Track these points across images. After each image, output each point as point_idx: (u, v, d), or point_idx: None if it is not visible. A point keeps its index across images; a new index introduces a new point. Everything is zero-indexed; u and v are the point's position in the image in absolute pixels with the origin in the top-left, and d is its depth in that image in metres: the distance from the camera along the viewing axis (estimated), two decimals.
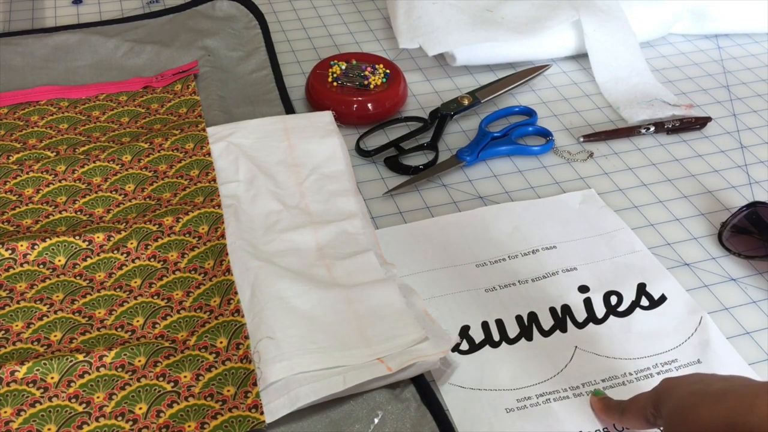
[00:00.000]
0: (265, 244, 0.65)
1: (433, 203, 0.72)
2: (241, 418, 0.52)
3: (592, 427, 0.53)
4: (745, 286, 0.64)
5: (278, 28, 0.99)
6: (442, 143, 0.79)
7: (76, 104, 0.82)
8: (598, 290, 0.63)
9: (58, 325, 0.59)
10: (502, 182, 0.75)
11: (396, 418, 0.53)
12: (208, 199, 0.68)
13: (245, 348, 0.56)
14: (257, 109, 0.82)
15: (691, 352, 0.58)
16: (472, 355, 0.58)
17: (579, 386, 0.56)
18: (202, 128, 0.76)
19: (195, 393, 0.54)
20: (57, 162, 0.72)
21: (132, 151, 0.74)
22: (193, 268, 0.63)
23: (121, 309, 0.60)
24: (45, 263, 0.63)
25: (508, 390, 0.56)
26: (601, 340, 0.59)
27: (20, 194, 0.70)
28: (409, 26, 0.89)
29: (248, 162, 0.72)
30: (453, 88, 0.88)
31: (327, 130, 0.76)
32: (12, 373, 0.54)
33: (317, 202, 0.69)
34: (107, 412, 0.53)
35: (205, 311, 0.59)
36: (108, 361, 0.55)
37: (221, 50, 0.90)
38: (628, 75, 0.87)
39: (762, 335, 0.60)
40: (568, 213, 0.70)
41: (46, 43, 0.90)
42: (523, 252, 0.67)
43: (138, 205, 0.69)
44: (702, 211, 0.71)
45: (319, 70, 0.84)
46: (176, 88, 0.84)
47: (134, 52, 0.90)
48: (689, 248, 0.67)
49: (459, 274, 0.64)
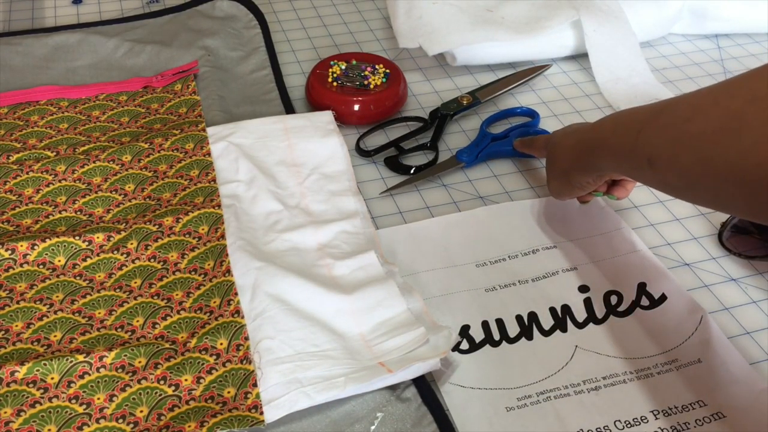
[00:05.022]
0: (266, 244, 0.65)
1: (433, 203, 0.72)
2: (241, 418, 0.52)
3: (593, 425, 0.53)
4: (745, 286, 0.64)
5: (278, 28, 0.99)
6: (442, 143, 0.79)
7: (76, 104, 0.82)
8: (598, 290, 0.63)
9: (58, 325, 0.59)
10: (502, 182, 0.75)
11: (396, 418, 0.53)
12: (208, 199, 0.68)
13: (245, 349, 0.56)
14: (257, 108, 0.82)
15: (692, 352, 0.58)
16: (473, 354, 0.58)
17: (580, 383, 0.56)
18: (202, 128, 0.76)
19: (196, 396, 0.54)
20: (57, 162, 0.72)
21: (132, 151, 0.74)
22: (193, 268, 0.63)
23: (121, 309, 0.60)
24: (45, 263, 0.63)
25: (509, 389, 0.56)
26: (601, 339, 0.59)
27: (20, 194, 0.70)
28: (409, 26, 0.89)
29: (248, 162, 0.72)
30: (453, 88, 0.88)
31: (327, 129, 0.76)
32: (12, 374, 0.54)
33: (317, 202, 0.69)
34: (108, 414, 0.53)
35: (205, 312, 0.59)
36: (108, 361, 0.55)
37: (221, 50, 0.90)
38: (629, 75, 0.87)
39: (762, 335, 0.60)
40: (568, 213, 0.70)
41: (46, 43, 0.90)
42: (523, 252, 0.67)
43: (138, 206, 0.69)
44: (702, 211, 0.71)
45: (319, 70, 0.84)
46: (176, 87, 0.84)
47: (134, 52, 0.90)
48: (689, 248, 0.68)
49: (459, 274, 0.64)
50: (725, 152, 0.43)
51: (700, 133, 0.45)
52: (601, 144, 0.57)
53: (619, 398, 0.55)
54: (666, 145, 0.48)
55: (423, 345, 0.56)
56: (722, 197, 0.46)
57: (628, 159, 0.53)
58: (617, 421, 0.54)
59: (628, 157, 0.53)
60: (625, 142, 0.53)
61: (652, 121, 0.50)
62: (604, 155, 0.56)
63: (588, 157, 0.59)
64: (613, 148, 0.55)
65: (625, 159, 0.53)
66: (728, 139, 0.43)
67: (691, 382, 0.56)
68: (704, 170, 0.45)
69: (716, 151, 0.44)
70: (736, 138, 0.43)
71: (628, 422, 0.54)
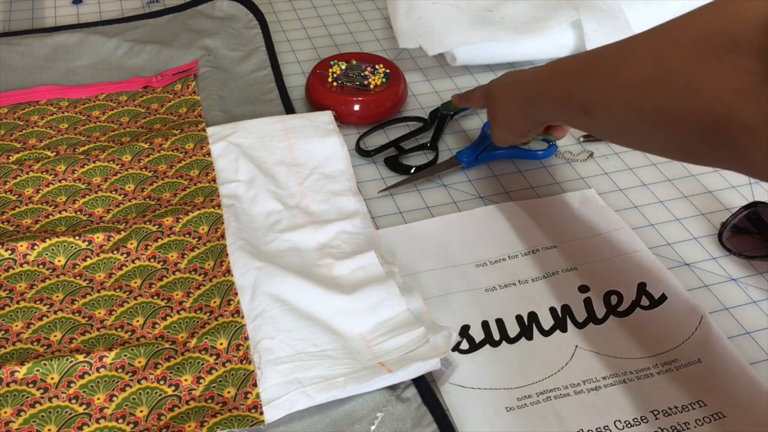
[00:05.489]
0: (266, 244, 0.64)
1: (433, 203, 0.72)
2: (241, 418, 0.52)
3: (593, 425, 0.53)
4: (745, 286, 0.64)
5: (278, 28, 0.99)
6: (442, 143, 0.79)
7: (76, 104, 0.82)
8: (598, 290, 0.63)
9: (58, 325, 0.59)
10: (502, 182, 0.75)
11: (396, 418, 0.53)
12: (208, 199, 0.68)
13: (245, 349, 0.56)
14: (257, 108, 0.82)
15: (692, 352, 0.58)
16: (473, 354, 0.58)
17: (580, 383, 0.56)
18: (202, 128, 0.76)
19: (196, 396, 0.54)
20: (57, 162, 0.72)
21: (132, 151, 0.74)
22: (193, 268, 0.63)
23: (121, 309, 0.60)
24: (45, 263, 0.63)
25: (509, 389, 0.56)
26: (601, 339, 0.59)
27: (20, 194, 0.70)
28: (409, 26, 0.89)
29: (248, 162, 0.72)
30: (453, 88, 0.88)
31: (327, 129, 0.76)
32: (12, 374, 0.54)
33: (317, 202, 0.69)
34: (108, 414, 0.53)
35: (205, 312, 0.59)
36: (108, 361, 0.55)
37: (221, 50, 0.90)
38: None
39: (762, 335, 0.60)
40: (568, 213, 0.70)
41: (46, 43, 0.90)
42: (523, 252, 0.67)
43: (138, 205, 0.69)
44: (702, 211, 0.71)
45: (319, 70, 0.84)
46: (176, 87, 0.84)
47: (134, 52, 0.90)
48: (689, 248, 0.67)
49: (459, 274, 0.64)
50: (655, 100, 0.45)
51: (630, 82, 0.47)
52: (541, 94, 0.59)
53: (619, 398, 0.55)
54: (599, 94, 0.51)
55: (423, 345, 0.56)
56: (656, 141, 0.49)
57: (566, 108, 0.56)
58: (617, 421, 0.54)
59: (565, 106, 0.56)
60: (562, 92, 0.56)
61: (586, 71, 0.53)
62: (544, 105, 0.59)
63: (529, 106, 0.61)
64: (551, 97, 0.58)
65: (564, 108, 0.56)
66: (657, 86, 0.45)
67: (691, 382, 0.56)
68: (637, 117, 0.47)
69: (646, 99, 0.46)
70: (664, 85, 0.44)
71: (628, 422, 0.54)
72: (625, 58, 0.49)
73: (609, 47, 0.52)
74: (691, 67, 0.42)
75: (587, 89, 0.52)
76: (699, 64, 0.42)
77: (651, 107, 0.46)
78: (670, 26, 0.46)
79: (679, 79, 0.43)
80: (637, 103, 0.47)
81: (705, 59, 0.42)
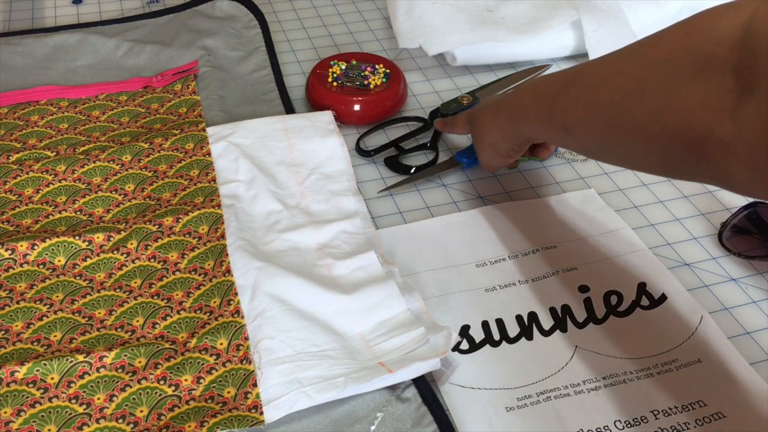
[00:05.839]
0: (266, 244, 0.64)
1: (433, 203, 0.72)
2: (241, 418, 0.52)
3: (593, 425, 0.53)
4: (745, 286, 0.64)
5: (278, 28, 0.99)
6: (442, 143, 0.79)
7: (76, 104, 0.82)
8: (598, 290, 0.63)
9: (58, 325, 0.59)
10: (502, 182, 0.75)
11: (396, 418, 0.53)
12: (208, 199, 0.68)
13: (245, 349, 0.56)
14: (257, 108, 0.82)
15: (692, 352, 0.58)
16: (473, 354, 0.58)
17: (580, 383, 0.56)
18: (202, 128, 0.76)
19: (196, 396, 0.54)
20: (57, 162, 0.72)
21: (132, 151, 0.74)
22: (193, 268, 0.63)
23: (121, 309, 0.60)
24: (45, 263, 0.63)
25: (509, 389, 0.56)
26: (601, 339, 0.59)
27: (20, 194, 0.70)
28: (409, 26, 0.89)
29: (248, 162, 0.72)
30: (453, 88, 0.88)
31: (327, 129, 0.76)
32: (12, 374, 0.54)
33: (317, 202, 0.69)
34: (108, 414, 0.53)
35: (205, 312, 0.59)
36: (108, 361, 0.55)
37: (221, 50, 0.90)
38: None
39: (762, 335, 0.60)
40: (568, 213, 0.70)
41: (46, 43, 0.90)
42: (523, 252, 0.67)
43: (138, 205, 0.69)
44: (702, 211, 0.71)
45: (319, 70, 0.84)
46: (176, 87, 0.84)
47: (134, 52, 0.90)
48: (689, 248, 0.67)
49: (459, 274, 0.64)
50: (633, 118, 0.45)
51: (609, 100, 0.48)
52: (522, 114, 0.60)
53: (619, 398, 0.55)
54: (578, 113, 0.51)
55: (423, 345, 0.56)
56: (638, 159, 0.49)
57: (548, 127, 0.57)
58: (617, 421, 0.54)
59: (547, 125, 0.56)
60: (542, 112, 0.56)
61: (564, 91, 0.53)
62: (527, 124, 0.60)
63: (512, 126, 0.62)
64: (533, 117, 0.58)
65: (546, 127, 0.57)
66: (634, 105, 0.45)
67: (691, 382, 0.56)
68: (616, 135, 0.48)
69: (625, 117, 0.46)
70: (641, 104, 0.44)
71: (628, 422, 0.54)
72: (603, 77, 0.49)
73: (587, 66, 0.52)
74: (668, 85, 0.43)
75: (566, 109, 0.53)
76: (675, 82, 0.42)
77: (630, 126, 0.46)
78: (645, 44, 0.47)
79: (656, 98, 0.43)
80: (616, 122, 0.47)
81: (680, 77, 0.42)
